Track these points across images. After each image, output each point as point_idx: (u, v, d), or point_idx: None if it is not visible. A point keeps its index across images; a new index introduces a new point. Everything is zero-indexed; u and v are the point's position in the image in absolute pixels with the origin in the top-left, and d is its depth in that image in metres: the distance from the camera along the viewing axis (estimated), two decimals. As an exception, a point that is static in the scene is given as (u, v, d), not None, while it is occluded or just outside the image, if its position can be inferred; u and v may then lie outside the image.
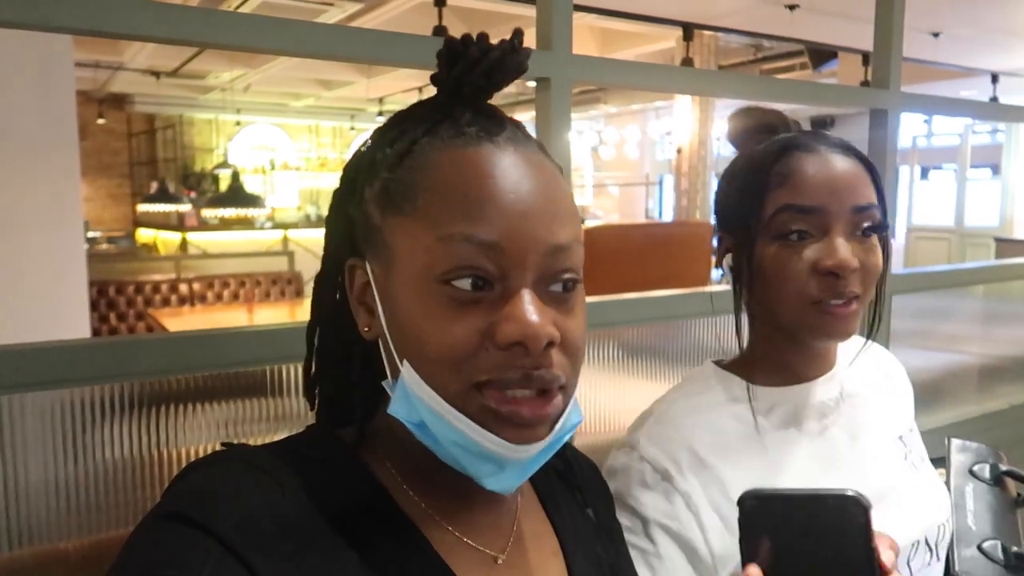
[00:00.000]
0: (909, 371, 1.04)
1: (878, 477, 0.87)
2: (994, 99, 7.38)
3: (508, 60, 0.57)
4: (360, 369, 0.62)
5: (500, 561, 0.61)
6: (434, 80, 0.60)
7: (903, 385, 1.02)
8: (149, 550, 0.49)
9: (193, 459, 0.58)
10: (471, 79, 0.57)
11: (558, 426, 0.56)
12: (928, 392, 2.09)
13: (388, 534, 0.56)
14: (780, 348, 0.87)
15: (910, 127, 11.39)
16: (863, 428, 0.90)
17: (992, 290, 2.38)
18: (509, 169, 0.55)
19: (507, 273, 0.53)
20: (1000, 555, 0.91)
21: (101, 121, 10.40)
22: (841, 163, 0.81)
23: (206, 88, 9.94)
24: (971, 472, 1.01)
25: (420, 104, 0.62)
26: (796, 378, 0.88)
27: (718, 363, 0.92)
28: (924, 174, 11.84)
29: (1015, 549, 0.93)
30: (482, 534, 0.61)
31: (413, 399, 0.55)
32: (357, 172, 0.61)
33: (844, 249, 0.78)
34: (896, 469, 0.90)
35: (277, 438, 0.62)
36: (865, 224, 0.80)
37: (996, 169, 10.25)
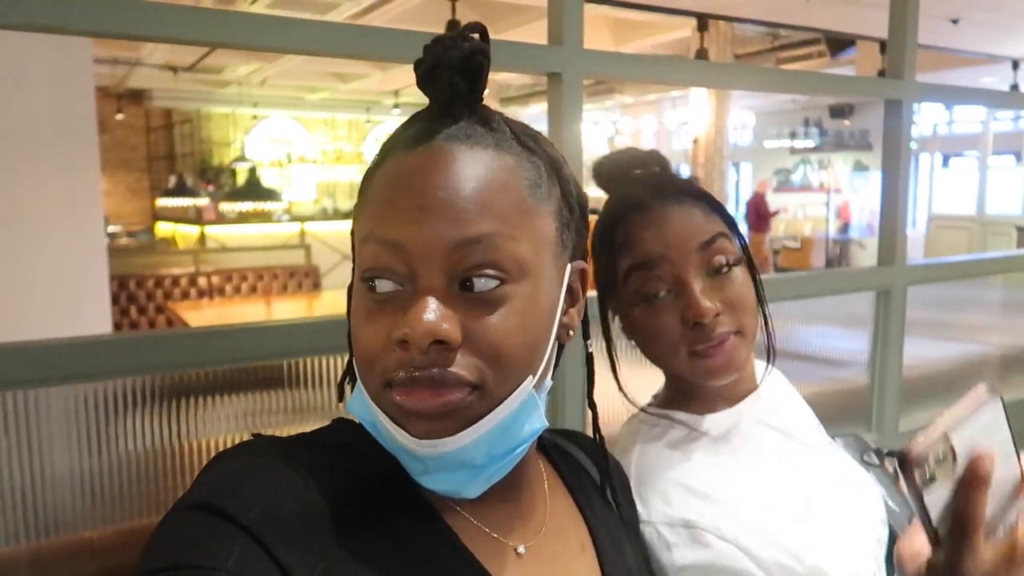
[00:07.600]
0: (928, 362, 1.05)
1: (839, 470, 0.89)
2: (1015, 86, 7.26)
3: (474, 60, 0.55)
4: None
5: (520, 551, 0.61)
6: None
7: (803, 401, 1.04)
8: (175, 539, 0.50)
9: (213, 450, 0.59)
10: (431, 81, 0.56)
11: (480, 426, 0.53)
12: (947, 383, 2.08)
13: (414, 524, 0.57)
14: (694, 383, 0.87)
15: (931, 115, 11.24)
16: (803, 433, 0.91)
17: (1013, 279, 2.35)
18: (422, 168, 0.54)
19: (416, 273, 0.53)
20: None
21: (120, 116, 10.49)
22: (671, 211, 0.82)
23: (223, 82, 10.00)
24: (864, 462, 1.04)
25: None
26: (726, 402, 0.88)
27: (648, 407, 0.93)
28: (945, 162, 11.70)
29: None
30: (505, 525, 0.61)
31: (361, 397, 0.57)
32: None
33: (700, 298, 0.79)
34: (844, 463, 0.92)
35: (295, 429, 0.63)
36: (716, 258, 0.81)
37: (1019, 156, 10.12)
